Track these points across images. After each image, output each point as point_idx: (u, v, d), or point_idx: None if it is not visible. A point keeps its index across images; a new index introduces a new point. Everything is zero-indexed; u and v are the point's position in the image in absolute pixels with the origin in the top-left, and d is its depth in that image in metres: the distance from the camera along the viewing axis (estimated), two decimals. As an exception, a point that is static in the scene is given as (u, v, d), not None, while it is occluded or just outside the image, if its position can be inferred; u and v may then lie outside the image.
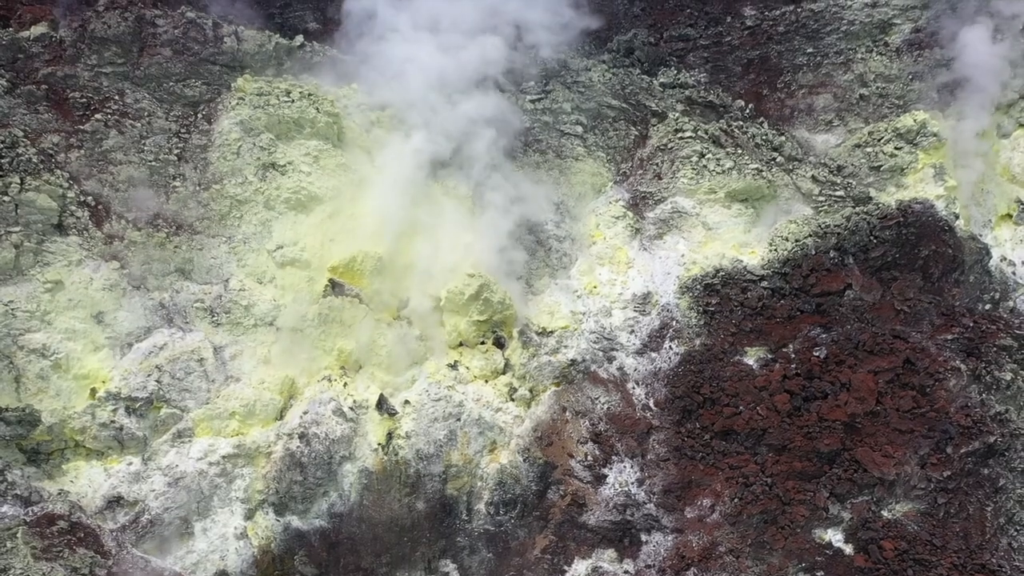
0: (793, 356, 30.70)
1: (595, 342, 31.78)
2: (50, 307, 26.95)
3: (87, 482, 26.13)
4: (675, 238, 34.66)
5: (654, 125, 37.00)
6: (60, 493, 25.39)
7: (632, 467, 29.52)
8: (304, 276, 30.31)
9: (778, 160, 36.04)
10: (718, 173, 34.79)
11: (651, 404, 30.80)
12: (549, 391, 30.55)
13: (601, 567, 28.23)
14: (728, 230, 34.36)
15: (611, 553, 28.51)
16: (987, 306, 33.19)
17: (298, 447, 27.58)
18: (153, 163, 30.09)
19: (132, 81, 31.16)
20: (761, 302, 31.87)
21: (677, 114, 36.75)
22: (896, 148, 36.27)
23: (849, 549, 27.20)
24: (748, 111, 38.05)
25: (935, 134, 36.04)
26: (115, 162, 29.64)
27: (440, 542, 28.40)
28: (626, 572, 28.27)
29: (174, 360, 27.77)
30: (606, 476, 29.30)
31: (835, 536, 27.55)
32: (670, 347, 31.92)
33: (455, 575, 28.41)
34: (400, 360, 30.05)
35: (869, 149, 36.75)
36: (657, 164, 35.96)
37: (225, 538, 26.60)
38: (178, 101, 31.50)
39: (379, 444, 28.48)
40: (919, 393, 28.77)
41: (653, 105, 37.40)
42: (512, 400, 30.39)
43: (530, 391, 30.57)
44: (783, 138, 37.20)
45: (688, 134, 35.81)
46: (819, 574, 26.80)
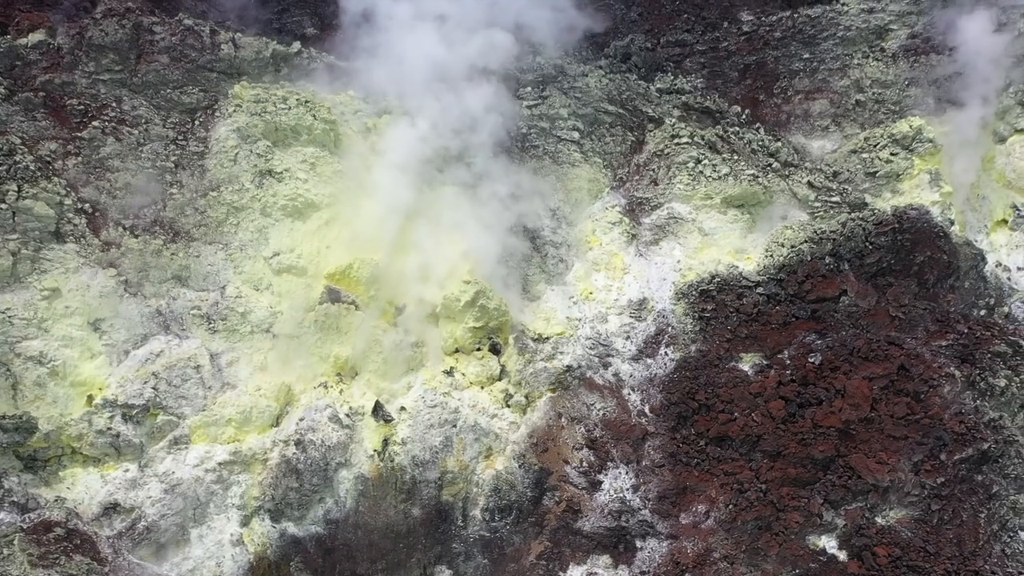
0: (788, 362, 30.74)
1: (591, 348, 31.85)
2: (47, 314, 27.00)
3: (84, 489, 26.19)
4: (671, 244, 34.74)
5: (651, 131, 37.13)
6: (57, 500, 25.44)
7: (627, 473, 29.59)
8: (301, 283, 30.35)
9: (774, 166, 36.09)
10: (714, 179, 34.88)
11: (646, 410, 30.87)
12: (545, 397, 30.64)
13: (596, 573, 28.29)
14: (724, 236, 34.45)
15: (606, 559, 28.57)
16: (982, 312, 33.18)
17: (294, 454, 27.68)
18: (150, 170, 30.13)
19: (129, 88, 31.21)
20: (756, 308, 31.93)
21: (674, 120, 36.85)
22: (892, 154, 36.36)
23: (843, 555, 27.23)
24: (744, 117, 38.12)
25: (931, 140, 36.15)
26: (112, 169, 29.69)
27: (436, 548, 28.48)
28: (621, 578, 28.41)
29: (171, 367, 27.83)
30: (601, 482, 29.38)
31: (829, 542, 27.59)
32: (666, 353, 32.00)
33: (451, 581, 28.57)
34: (396, 366, 30.14)
35: (865, 155, 36.85)
36: (653, 170, 36.05)
37: (221, 545, 26.68)
38: (175, 108, 31.54)
39: (375, 450, 28.59)
40: (913, 399, 28.82)
41: (650, 111, 37.49)
42: (508, 406, 30.48)
43: (526, 397, 30.66)
44: (779, 144, 37.27)
45: (684, 140, 35.91)
46: (813, 580, 26.91)
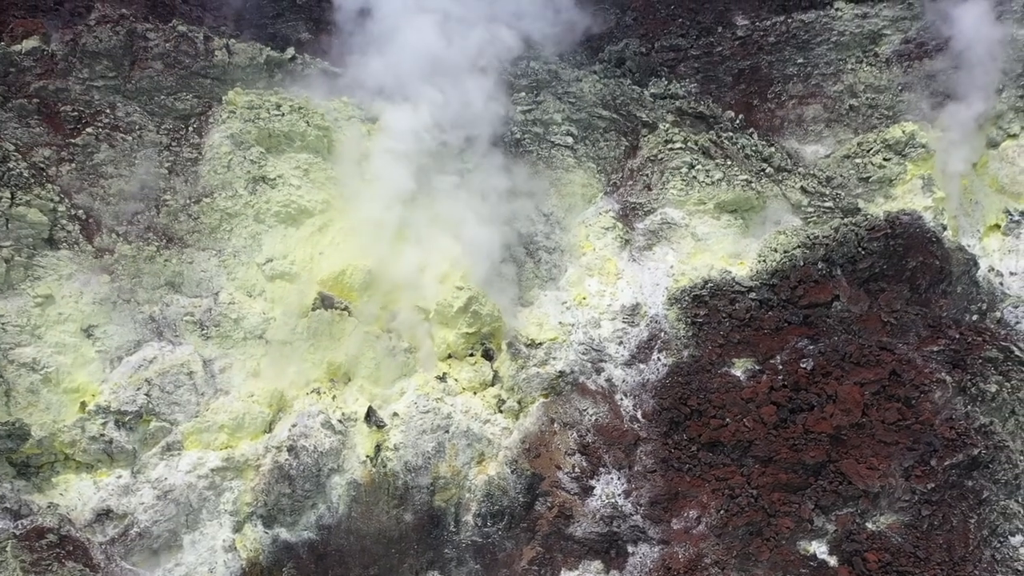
0: (780, 368, 30.83)
1: (584, 353, 31.93)
2: (40, 321, 27.04)
3: (76, 495, 26.26)
4: (664, 249, 34.80)
5: (644, 136, 37.14)
6: (49, 506, 25.49)
7: (619, 479, 29.68)
8: (294, 289, 30.37)
9: (767, 171, 36.14)
10: (707, 184, 34.92)
11: (639, 416, 30.95)
12: (537, 403, 30.70)
13: (588, 578, 28.46)
14: (717, 241, 34.50)
15: (598, 565, 28.64)
16: (974, 317, 33.29)
17: (287, 460, 27.76)
18: (144, 176, 30.20)
19: (123, 95, 31.23)
20: (749, 313, 32.01)
21: (667, 125, 36.84)
22: (885, 159, 36.40)
23: (833, 561, 27.33)
24: (738, 122, 38.14)
25: (923, 145, 36.18)
26: (106, 175, 29.69)
27: (428, 554, 28.54)
28: (613, 583, 28.49)
29: (164, 373, 27.89)
30: (593, 488, 29.46)
31: (819, 548, 27.68)
32: (658, 358, 32.08)
33: (443, 586, 28.66)
34: (389, 372, 30.20)
35: (858, 160, 36.87)
36: (647, 175, 36.11)
37: (214, 551, 26.74)
38: (169, 114, 31.55)
39: (367, 456, 28.65)
40: (904, 405, 28.89)
41: (644, 116, 37.53)
42: (500, 412, 30.55)
43: (518, 403, 30.73)
44: (773, 149, 37.29)
45: (678, 145, 35.94)
46: (804, 586, 27.00)
